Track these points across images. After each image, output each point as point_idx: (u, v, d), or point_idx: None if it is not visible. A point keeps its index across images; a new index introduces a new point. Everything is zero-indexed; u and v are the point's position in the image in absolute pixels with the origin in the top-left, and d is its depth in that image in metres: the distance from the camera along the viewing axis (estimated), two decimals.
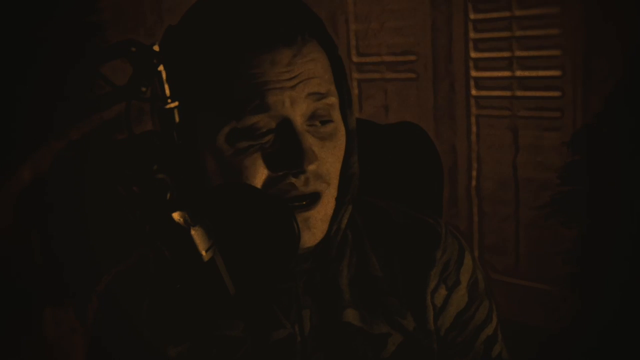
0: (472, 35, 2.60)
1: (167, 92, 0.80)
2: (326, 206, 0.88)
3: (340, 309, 0.93)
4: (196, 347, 0.91)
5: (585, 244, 2.11)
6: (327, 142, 0.87)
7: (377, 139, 1.17)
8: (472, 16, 2.58)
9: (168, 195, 0.78)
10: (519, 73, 2.50)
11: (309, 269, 0.92)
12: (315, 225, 0.87)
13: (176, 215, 0.79)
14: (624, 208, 1.97)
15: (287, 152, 0.83)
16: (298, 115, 0.84)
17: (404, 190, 1.15)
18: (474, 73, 2.63)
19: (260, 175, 0.84)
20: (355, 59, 2.91)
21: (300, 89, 0.83)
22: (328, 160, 0.87)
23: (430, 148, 1.19)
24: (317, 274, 0.93)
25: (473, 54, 2.61)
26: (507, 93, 2.55)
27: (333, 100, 0.87)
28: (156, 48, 0.79)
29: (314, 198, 0.86)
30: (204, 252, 0.79)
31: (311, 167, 0.84)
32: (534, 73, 2.48)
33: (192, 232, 0.79)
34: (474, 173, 2.67)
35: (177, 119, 0.82)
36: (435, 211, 1.18)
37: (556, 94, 2.41)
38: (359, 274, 0.95)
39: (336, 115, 0.88)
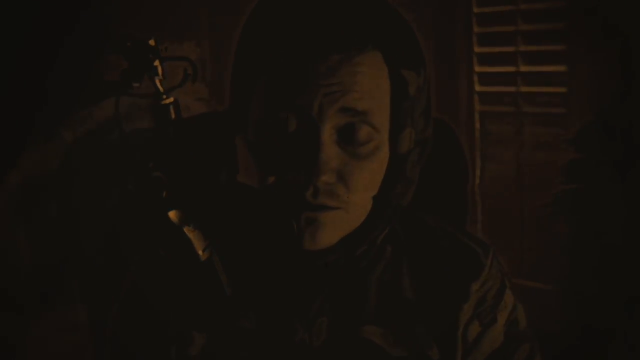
0: (476, 29, 2.60)
1: (161, 88, 0.80)
2: (341, 219, 0.85)
3: (362, 323, 0.91)
4: (213, 337, 0.90)
5: (590, 244, 2.11)
6: (361, 161, 0.84)
7: None
8: (475, 10, 2.58)
9: (164, 193, 0.78)
10: (523, 68, 2.50)
11: (334, 278, 0.91)
12: (319, 231, 0.84)
13: (172, 214, 0.79)
14: (628, 207, 1.97)
15: (301, 157, 0.81)
16: (327, 124, 0.81)
17: (429, 189, 1.14)
18: (477, 68, 2.63)
19: (271, 174, 0.83)
20: None
21: (334, 98, 0.81)
22: (354, 179, 0.84)
23: (456, 146, 1.18)
24: (343, 284, 0.91)
25: (477, 49, 2.61)
26: (512, 89, 2.54)
27: (375, 119, 0.83)
28: (152, 43, 0.79)
29: (324, 209, 0.84)
30: (200, 252, 0.79)
31: (322, 179, 0.81)
32: (539, 68, 2.47)
33: (188, 231, 0.79)
34: (478, 171, 2.67)
35: (173, 115, 0.82)
36: (459, 211, 1.16)
37: (562, 89, 2.41)
38: (389, 292, 0.93)
39: (379, 136, 0.85)
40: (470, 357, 0.93)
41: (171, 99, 0.79)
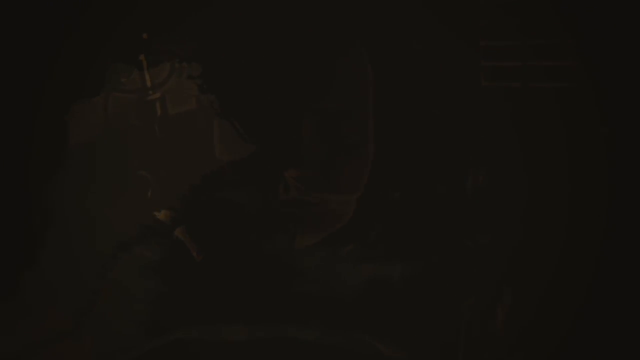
0: (481, 22, 2.59)
1: (149, 82, 0.80)
2: (325, 215, 0.87)
3: (354, 321, 0.92)
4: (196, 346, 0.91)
5: (589, 244, 2.12)
6: (344, 156, 0.87)
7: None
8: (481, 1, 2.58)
9: (149, 193, 0.78)
10: (531, 63, 2.49)
11: (322, 275, 0.91)
12: (305, 228, 0.86)
13: (161, 214, 0.79)
14: (625, 207, 1.98)
15: (283, 155, 0.83)
16: (306, 121, 0.83)
17: (430, 190, 1.14)
18: (483, 62, 2.62)
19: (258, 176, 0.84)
20: None
21: (311, 99, 0.83)
22: (337, 173, 0.87)
23: (459, 144, 1.19)
24: (331, 282, 0.92)
25: (482, 42, 2.60)
26: (518, 84, 2.54)
27: (355, 118, 0.87)
28: (145, 36, 0.79)
29: (308, 205, 0.85)
30: (195, 253, 0.79)
31: (305, 175, 0.84)
32: (546, 63, 2.47)
33: (179, 232, 0.79)
34: (482, 169, 2.67)
35: (159, 111, 0.82)
36: (461, 210, 1.17)
37: (570, 85, 2.41)
38: (379, 288, 0.94)
39: (361, 131, 0.88)
40: (472, 354, 0.94)
41: (157, 95, 0.79)
